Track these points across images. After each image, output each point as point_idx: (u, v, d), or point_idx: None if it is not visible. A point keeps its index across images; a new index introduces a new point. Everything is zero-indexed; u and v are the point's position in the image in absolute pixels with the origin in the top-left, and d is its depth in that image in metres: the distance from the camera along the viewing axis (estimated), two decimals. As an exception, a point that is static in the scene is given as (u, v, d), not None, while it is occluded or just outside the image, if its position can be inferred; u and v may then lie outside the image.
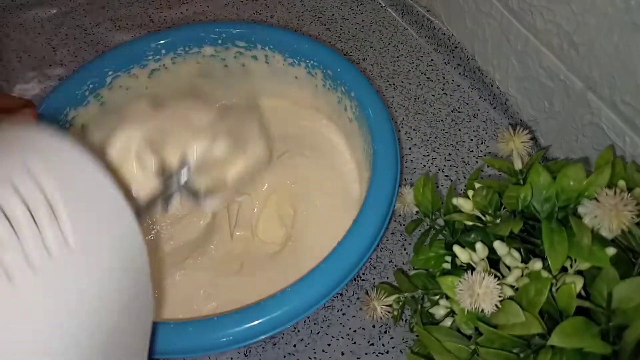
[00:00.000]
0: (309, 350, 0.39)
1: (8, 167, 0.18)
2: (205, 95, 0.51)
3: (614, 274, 0.27)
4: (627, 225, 0.27)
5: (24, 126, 0.21)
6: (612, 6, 0.35)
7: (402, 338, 0.40)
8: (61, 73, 0.58)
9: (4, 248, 0.17)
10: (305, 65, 0.46)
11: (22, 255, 0.17)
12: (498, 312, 0.28)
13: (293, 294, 0.33)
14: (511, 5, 0.46)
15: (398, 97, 0.55)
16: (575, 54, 0.40)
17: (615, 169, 0.31)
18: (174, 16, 0.64)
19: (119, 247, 0.20)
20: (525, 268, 0.30)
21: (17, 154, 0.19)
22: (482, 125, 0.52)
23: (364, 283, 0.43)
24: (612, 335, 0.27)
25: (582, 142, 0.43)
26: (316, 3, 0.65)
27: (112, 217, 0.20)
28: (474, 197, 0.33)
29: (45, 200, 0.18)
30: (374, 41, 0.60)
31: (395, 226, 0.46)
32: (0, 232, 0.17)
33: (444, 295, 0.34)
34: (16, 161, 0.18)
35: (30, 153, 0.19)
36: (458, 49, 0.56)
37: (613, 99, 0.38)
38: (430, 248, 0.36)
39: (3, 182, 0.18)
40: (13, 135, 0.20)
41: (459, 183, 0.48)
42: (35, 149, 0.19)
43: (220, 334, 0.32)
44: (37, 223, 0.18)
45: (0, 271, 0.17)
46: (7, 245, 0.17)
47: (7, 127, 0.21)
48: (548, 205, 0.31)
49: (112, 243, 0.20)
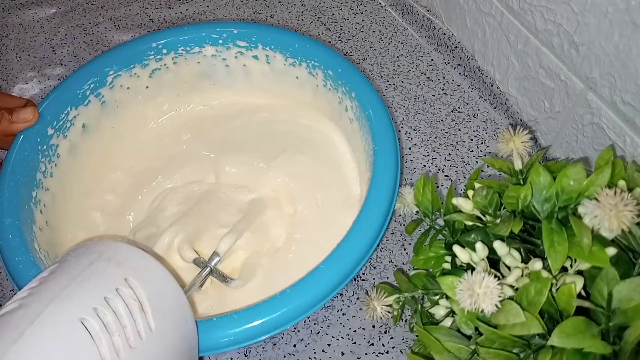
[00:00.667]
0: (309, 350, 0.39)
1: (113, 278, 0.27)
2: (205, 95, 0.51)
3: (614, 274, 0.27)
4: (627, 225, 0.27)
5: (118, 243, 0.30)
6: (613, 6, 0.35)
7: (402, 338, 0.40)
8: (61, 73, 0.58)
9: (113, 332, 0.25)
10: (306, 66, 0.46)
11: (124, 338, 0.25)
12: (498, 312, 0.28)
13: (293, 294, 0.33)
14: (511, 5, 0.46)
15: (398, 97, 0.55)
16: (575, 53, 0.40)
17: (615, 169, 0.31)
18: (174, 16, 0.64)
19: (179, 325, 0.29)
20: (525, 268, 0.30)
21: (114, 266, 0.28)
22: (482, 125, 0.52)
23: (364, 283, 0.43)
24: (612, 335, 0.27)
25: (582, 142, 0.43)
26: (316, 3, 0.65)
27: (174, 304, 0.29)
28: (474, 197, 0.33)
29: (137, 299, 0.27)
30: (374, 41, 0.60)
31: (395, 226, 0.46)
32: (110, 321, 0.25)
33: (444, 295, 0.34)
34: (116, 273, 0.28)
35: (125, 267, 0.28)
36: (458, 49, 0.56)
37: (613, 99, 0.38)
38: (430, 248, 0.36)
39: (110, 288, 0.27)
40: (112, 248, 0.29)
41: (459, 183, 0.48)
42: (127, 262, 0.28)
43: (220, 334, 0.32)
44: (132, 315, 0.26)
45: (113, 348, 0.25)
46: (114, 330, 0.25)
47: (103, 242, 0.30)
48: (548, 205, 0.31)
49: (175, 322, 0.29)
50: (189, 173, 0.47)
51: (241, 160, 0.47)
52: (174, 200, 0.45)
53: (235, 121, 0.50)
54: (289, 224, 0.44)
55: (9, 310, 0.25)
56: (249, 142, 0.48)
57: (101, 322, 0.25)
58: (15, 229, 0.36)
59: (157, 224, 0.43)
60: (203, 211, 0.43)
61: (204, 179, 0.47)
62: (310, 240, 0.42)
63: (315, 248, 0.41)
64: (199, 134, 0.50)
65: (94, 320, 0.25)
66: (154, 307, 0.28)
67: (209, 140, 0.49)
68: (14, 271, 0.35)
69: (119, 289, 0.27)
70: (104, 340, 0.25)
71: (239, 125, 0.50)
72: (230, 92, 0.51)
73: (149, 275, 0.29)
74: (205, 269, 0.39)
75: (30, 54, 0.60)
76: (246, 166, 0.46)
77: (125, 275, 0.28)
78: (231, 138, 0.49)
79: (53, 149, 0.43)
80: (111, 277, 0.27)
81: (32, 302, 0.25)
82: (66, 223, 0.43)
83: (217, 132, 0.49)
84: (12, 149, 0.40)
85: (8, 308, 0.25)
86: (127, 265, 0.28)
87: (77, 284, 0.26)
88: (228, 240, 0.40)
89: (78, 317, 0.25)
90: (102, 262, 0.28)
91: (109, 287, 0.27)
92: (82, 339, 0.24)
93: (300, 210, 0.44)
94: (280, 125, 0.49)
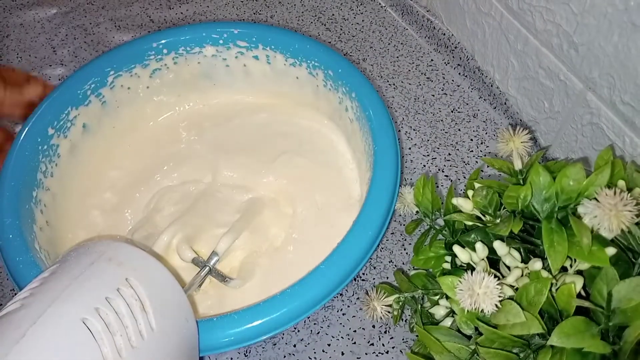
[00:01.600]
0: (309, 350, 0.39)
1: (114, 278, 0.27)
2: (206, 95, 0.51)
3: (613, 274, 0.27)
4: (626, 225, 0.27)
5: (118, 242, 0.30)
6: (612, 6, 0.35)
7: (402, 338, 0.40)
8: (61, 73, 0.58)
9: (114, 332, 0.25)
10: (306, 66, 0.46)
11: (126, 337, 0.26)
12: (498, 312, 0.28)
13: (293, 294, 0.33)
14: (511, 5, 0.46)
15: (398, 97, 0.55)
16: (575, 54, 0.41)
17: (614, 169, 0.31)
18: (174, 16, 0.64)
19: (180, 324, 0.29)
20: (525, 268, 0.30)
21: (115, 266, 0.28)
22: (482, 125, 0.52)
23: (364, 283, 0.43)
24: (612, 335, 0.27)
25: (582, 142, 0.43)
26: (316, 3, 0.65)
27: (175, 303, 0.30)
28: (474, 197, 0.33)
29: (138, 298, 0.27)
30: (374, 41, 0.60)
31: (395, 226, 0.46)
32: (112, 321, 0.25)
33: (444, 295, 0.34)
34: (117, 273, 0.28)
35: (126, 267, 0.28)
36: (458, 49, 0.56)
37: (613, 99, 0.38)
38: (430, 248, 0.36)
39: (111, 288, 0.27)
40: (113, 248, 0.29)
41: (459, 183, 0.48)
42: (127, 262, 0.29)
43: (220, 334, 0.32)
44: (133, 314, 0.26)
45: (115, 348, 0.25)
46: (116, 330, 0.25)
47: (103, 242, 0.30)
48: (548, 205, 0.31)
49: (176, 321, 0.29)
50: (188, 172, 0.47)
51: (241, 160, 0.47)
52: (173, 199, 0.45)
53: (235, 121, 0.50)
54: (288, 224, 0.44)
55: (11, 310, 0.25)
56: (248, 142, 0.48)
57: (103, 322, 0.25)
58: (16, 228, 0.36)
59: (156, 223, 0.43)
60: (202, 211, 0.43)
61: (203, 179, 0.47)
62: (310, 241, 0.42)
63: (315, 248, 0.41)
64: (199, 134, 0.50)
65: (95, 320, 0.25)
66: (155, 306, 0.28)
67: (209, 140, 0.49)
68: (14, 271, 0.35)
69: (120, 288, 0.27)
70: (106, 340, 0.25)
71: (239, 125, 0.50)
72: (231, 92, 0.51)
73: (150, 274, 0.29)
74: (204, 268, 0.39)
75: (31, 54, 0.60)
76: (245, 166, 0.47)
77: (126, 275, 0.28)
78: (231, 138, 0.49)
79: (53, 149, 0.43)
80: (112, 277, 0.28)
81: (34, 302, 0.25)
82: (67, 223, 0.43)
83: (217, 132, 0.49)
84: (12, 149, 0.40)
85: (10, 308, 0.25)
86: (128, 265, 0.29)
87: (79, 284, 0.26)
88: (227, 239, 0.40)
89: (80, 317, 0.25)
90: (102, 262, 0.28)
91: (110, 287, 0.27)
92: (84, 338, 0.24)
93: (300, 211, 0.44)
94: (280, 126, 0.49)
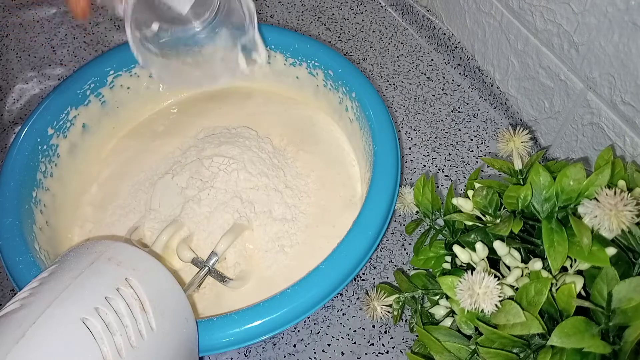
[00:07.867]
0: (309, 350, 0.39)
1: (113, 278, 0.27)
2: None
3: (614, 274, 0.27)
4: (627, 225, 0.27)
5: (118, 243, 0.30)
6: (612, 6, 0.35)
7: (402, 338, 0.40)
8: (61, 73, 0.58)
9: (114, 332, 0.25)
10: (306, 66, 0.46)
11: (126, 337, 0.26)
12: (498, 312, 0.28)
13: (293, 294, 0.33)
14: (511, 5, 0.46)
15: (398, 97, 0.55)
16: (575, 53, 0.41)
17: (615, 169, 0.31)
18: (174, 16, 0.64)
19: (180, 324, 0.30)
20: (525, 268, 0.30)
21: (114, 266, 0.28)
22: (482, 125, 0.52)
23: (364, 283, 0.43)
24: (612, 335, 0.27)
25: (582, 142, 0.43)
26: (316, 3, 0.65)
27: (174, 303, 0.30)
28: (474, 197, 0.33)
29: (137, 298, 0.27)
30: (374, 41, 0.60)
31: (395, 226, 0.46)
32: (112, 321, 0.26)
33: (444, 295, 0.34)
34: (117, 272, 0.28)
35: (125, 267, 0.28)
36: (458, 49, 0.56)
37: (613, 99, 0.38)
38: (430, 248, 0.36)
39: (111, 288, 0.27)
40: (112, 248, 0.29)
41: (459, 183, 0.48)
42: (127, 262, 0.29)
43: (220, 334, 0.32)
44: (133, 314, 0.27)
45: (115, 348, 0.25)
46: (116, 330, 0.25)
47: (102, 242, 0.30)
48: (548, 205, 0.31)
49: (175, 321, 0.29)
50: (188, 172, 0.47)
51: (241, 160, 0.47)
52: (172, 199, 0.45)
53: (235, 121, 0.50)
54: (288, 224, 0.44)
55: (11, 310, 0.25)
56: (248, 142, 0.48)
57: (103, 322, 0.25)
58: (16, 228, 0.36)
59: (155, 223, 0.43)
60: (201, 211, 0.43)
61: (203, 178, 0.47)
62: (310, 241, 0.42)
63: (315, 248, 0.41)
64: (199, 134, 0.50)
65: (95, 320, 0.25)
66: (154, 306, 0.28)
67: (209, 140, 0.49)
68: (14, 271, 0.35)
69: (119, 288, 0.27)
70: (106, 339, 0.25)
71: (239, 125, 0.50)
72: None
73: (150, 274, 0.29)
74: (204, 268, 0.39)
75: (31, 54, 0.60)
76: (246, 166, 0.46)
77: (125, 275, 0.28)
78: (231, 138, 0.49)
79: (53, 149, 0.43)
80: (112, 277, 0.28)
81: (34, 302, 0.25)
82: (66, 223, 0.43)
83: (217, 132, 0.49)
84: (12, 149, 0.40)
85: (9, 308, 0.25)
86: (128, 265, 0.29)
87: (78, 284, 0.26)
88: (226, 240, 0.40)
89: (80, 317, 0.25)
90: (102, 262, 0.28)
91: (110, 287, 0.27)
92: (84, 338, 0.24)
93: (301, 210, 0.44)
94: (280, 125, 0.49)
